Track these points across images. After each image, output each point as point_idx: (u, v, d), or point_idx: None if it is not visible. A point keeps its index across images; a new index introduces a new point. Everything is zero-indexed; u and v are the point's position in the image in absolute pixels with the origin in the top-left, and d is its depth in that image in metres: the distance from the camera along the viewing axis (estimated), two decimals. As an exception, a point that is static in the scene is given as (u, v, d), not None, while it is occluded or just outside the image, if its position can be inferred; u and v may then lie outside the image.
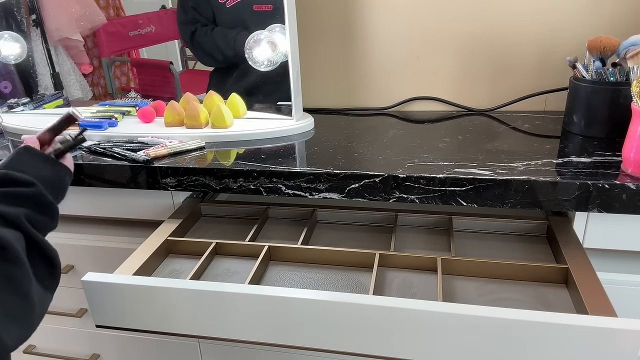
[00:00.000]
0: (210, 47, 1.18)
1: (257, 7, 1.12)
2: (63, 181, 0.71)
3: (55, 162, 0.71)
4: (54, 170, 0.70)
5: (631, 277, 0.82)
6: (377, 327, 0.61)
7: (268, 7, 1.10)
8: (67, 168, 0.74)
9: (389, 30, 1.22)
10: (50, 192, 0.65)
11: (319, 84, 1.31)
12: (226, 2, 1.14)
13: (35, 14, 1.29)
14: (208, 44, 1.18)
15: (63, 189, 0.71)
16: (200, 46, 1.20)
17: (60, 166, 0.72)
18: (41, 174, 0.66)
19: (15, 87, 1.35)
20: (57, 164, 0.71)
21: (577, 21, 1.11)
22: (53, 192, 0.67)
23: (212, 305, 0.66)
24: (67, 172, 0.73)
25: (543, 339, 0.57)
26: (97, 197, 1.00)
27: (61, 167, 0.72)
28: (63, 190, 0.71)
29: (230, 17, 1.15)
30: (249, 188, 0.88)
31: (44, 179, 0.66)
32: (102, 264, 1.04)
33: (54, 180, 0.68)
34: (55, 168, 0.70)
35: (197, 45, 1.21)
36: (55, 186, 0.68)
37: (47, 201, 0.64)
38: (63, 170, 0.72)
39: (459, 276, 0.76)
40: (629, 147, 0.77)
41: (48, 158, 0.70)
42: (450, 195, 0.80)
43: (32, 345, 1.21)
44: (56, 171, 0.70)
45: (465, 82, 1.23)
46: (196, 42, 1.20)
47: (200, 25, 1.17)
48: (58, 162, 0.72)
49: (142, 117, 1.15)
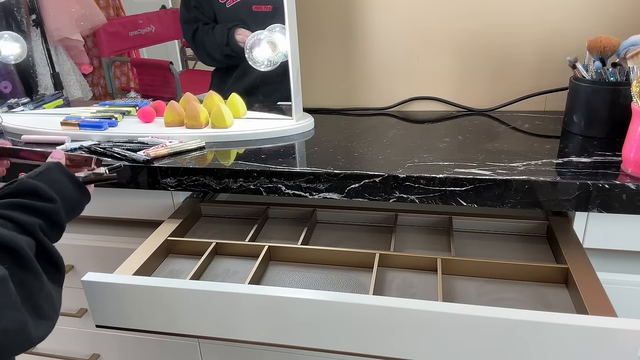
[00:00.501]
0: (211, 45, 1.18)
1: (256, 7, 1.12)
2: (81, 207, 0.73)
3: (82, 187, 0.72)
4: (79, 194, 0.71)
5: (631, 277, 0.82)
6: (377, 327, 0.61)
7: (267, 7, 1.10)
8: (89, 196, 0.75)
9: (389, 30, 1.22)
10: (67, 213, 0.67)
11: (319, 84, 1.31)
12: (226, 2, 1.14)
13: (35, 14, 1.29)
14: (209, 42, 1.18)
15: (78, 213, 0.73)
16: (202, 45, 1.20)
17: (86, 193, 0.73)
18: (66, 195, 0.67)
19: (15, 87, 1.35)
20: (83, 190, 0.72)
21: (577, 21, 1.11)
22: (68, 214, 0.68)
23: (213, 305, 0.66)
24: (88, 200, 0.74)
25: (543, 339, 0.57)
26: (97, 197, 1.00)
27: (86, 194, 0.73)
28: (77, 214, 0.73)
29: (230, 17, 1.15)
30: (249, 188, 0.88)
31: (67, 199, 0.67)
32: (102, 264, 1.04)
33: (74, 204, 0.70)
34: (80, 193, 0.72)
35: (198, 43, 1.21)
36: (73, 209, 0.70)
37: (60, 222, 0.65)
38: (86, 198, 0.73)
39: (459, 276, 0.76)
40: (629, 147, 0.77)
41: (78, 182, 0.71)
42: (450, 195, 0.80)
43: (32, 345, 1.21)
44: (80, 196, 0.72)
45: (465, 82, 1.23)
46: (197, 40, 1.20)
47: (202, 23, 1.18)
48: (85, 188, 0.73)
49: (142, 117, 1.15)
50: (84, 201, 0.73)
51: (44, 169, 0.67)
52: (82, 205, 0.73)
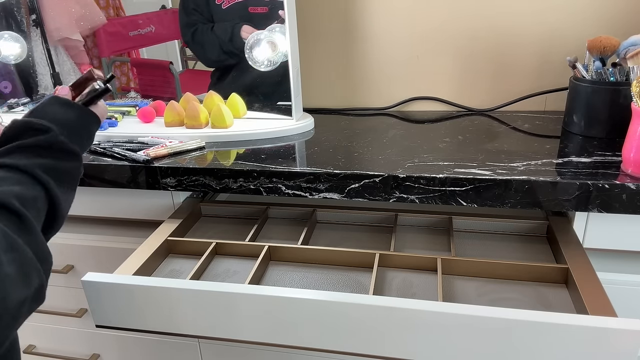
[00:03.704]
0: (210, 44, 1.18)
1: (252, 8, 1.12)
2: (87, 127, 0.69)
3: (78, 107, 0.68)
4: (77, 114, 0.67)
5: (631, 277, 0.82)
6: (377, 327, 0.61)
7: (263, 9, 1.10)
8: (93, 114, 0.70)
9: (390, 30, 1.22)
10: (71, 137, 0.63)
11: (319, 84, 1.31)
12: (222, 4, 1.14)
13: (35, 14, 1.29)
14: (208, 41, 1.18)
15: (87, 135, 0.69)
16: (201, 44, 1.20)
17: (85, 111, 0.69)
18: (59, 118, 0.64)
19: (15, 87, 1.35)
20: (80, 109, 0.68)
21: (577, 21, 1.11)
22: (74, 137, 0.64)
23: (212, 305, 0.66)
24: (92, 118, 0.70)
25: (543, 338, 0.57)
26: (97, 197, 1.00)
27: (87, 112, 0.69)
28: (87, 135, 0.69)
29: (226, 19, 1.16)
30: (249, 188, 0.88)
31: (63, 122, 0.64)
32: (102, 264, 1.04)
33: (74, 125, 0.66)
34: (78, 112, 0.68)
35: (197, 44, 1.21)
36: (76, 131, 0.66)
37: (65, 147, 0.62)
38: (87, 115, 0.69)
39: (459, 276, 0.76)
40: (629, 147, 0.77)
41: (69, 102, 0.68)
42: (450, 195, 0.80)
43: (32, 345, 1.21)
44: (79, 116, 0.67)
45: (465, 82, 1.23)
46: (197, 41, 1.20)
47: (201, 24, 1.18)
48: (82, 106, 0.69)
49: (142, 117, 1.15)
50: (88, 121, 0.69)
51: (37, 105, 0.65)
52: (88, 126, 0.69)
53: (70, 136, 0.64)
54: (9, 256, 0.46)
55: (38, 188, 0.56)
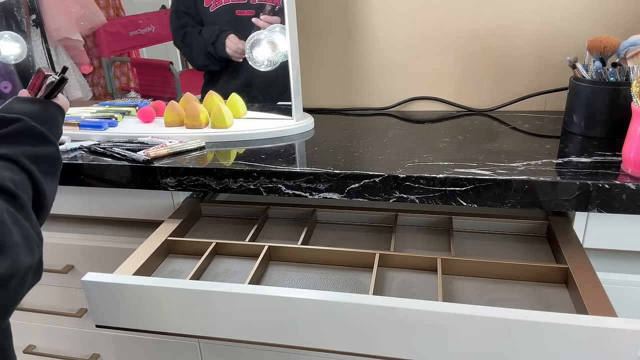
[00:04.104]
0: (197, 47, 1.19)
1: (239, 12, 1.12)
2: (53, 116, 0.73)
3: (41, 100, 0.73)
4: (42, 107, 0.72)
5: (631, 277, 0.82)
6: (377, 327, 0.61)
7: (250, 12, 1.10)
8: (57, 105, 0.75)
9: (390, 29, 1.22)
10: (42, 123, 0.68)
11: (319, 84, 1.31)
12: (210, 7, 1.14)
13: (35, 14, 1.29)
14: (196, 45, 1.19)
15: (56, 124, 0.73)
16: (190, 47, 1.21)
17: (49, 103, 0.74)
18: (25, 111, 0.68)
19: (15, 87, 1.35)
20: (44, 102, 0.73)
21: (577, 21, 1.11)
22: (45, 123, 0.69)
23: (212, 305, 0.66)
24: (56, 108, 0.75)
25: (543, 339, 0.57)
26: (97, 197, 1.00)
27: (49, 103, 0.74)
28: (55, 124, 0.73)
29: (214, 22, 1.16)
30: (249, 188, 0.88)
31: (31, 114, 0.68)
32: (102, 264, 1.04)
33: (42, 116, 0.70)
34: (42, 105, 0.73)
35: (187, 46, 1.21)
36: (45, 121, 0.70)
37: (39, 131, 0.66)
38: (51, 106, 0.74)
39: (459, 276, 0.76)
40: (629, 147, 0.77)
41: (30, 98, 0.73)
42: (450, 195, 0.80)
43: (32, 345, 1.21)
44: (44, 107, 0.72)
45: (465, 82, 1.23)
46: (186, 43, 1.21)
47: (191, 26, 1.18)
48: (44, 100, 0.74)
49: (142, 117, 1.15)
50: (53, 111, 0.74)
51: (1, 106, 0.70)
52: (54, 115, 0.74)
53: (42, 123, 0.68)
54: (16, 228, 0.50)
55: (23, 175, 0.59)
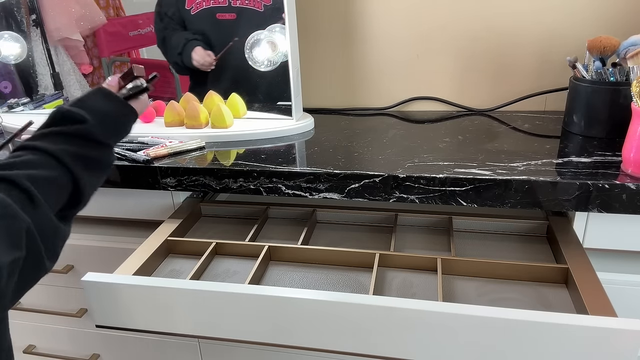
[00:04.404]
0: (171, 50, 1.19)
1: (220, 15, 1.12)
2: (122, 121, 0.72)
3: (119, 101, 0.71)
4: (116, 109, 0.70)
5: (631, 277, 0.82)
6: (377, 327, 0.61)
7: (231, 15, 1.10)
8: (131, 108, 0.73)
9: (389, 30, 1.22)
10: (105, 128, 0.66)
11: (319, 84, 1.31)
12: (191, 10, 1.14)
13: (35, 14, 1.29)
14: (170, 48, 1.19)
15: (123, 128, 0.72)
16: (166, 50, 1.21)
17: (124, 104, 0.72)
18: (98, 108, 0.67)
19: (15, 87, 1.35)
20: (120, 102, 0.71)
21: (577, 21, 1.11)
22: (108, 128, 0.67)
23: (212, 305, 0.66)
24: (130, 111, 0.73)
25: (543, 339, 0.57)
26: (97, 197, 1.00)
27: (124, 105, 0.72)
28: (123, 128, 0.72)
29: (195, 25, 1.16)
30: (249, 188, 0.88)
31: (101, 113, 0.67)
32: (102, 264, 1.04)
33: (111, 119, 0.69)
34: (117, 107, 0.70)
35: (166, 48, 1.22)
36: (111, 123, 0.69)
37: (95, 139, 0.65)
38: (125, 109, 0.72)
39: (459, 276, 0.76)
40: (629, 147, 0.77)
41: (111, 95, 0.70)
42: (450, 195, 0.80)
43: (32, 345, 1.21)
44: (118, 110, 0.70)
45: (465, 82, 1.23)
46: (166, 45, 1.21)
47: (171, 29, 1.18)
48: (122, 100, 0.71)
49: (142, 117, 1.15)
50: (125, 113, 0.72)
51: (83, 94, 0.69)
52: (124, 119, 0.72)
53: (104, 127, 0.67)
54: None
55: (63, 171, 0.60)
